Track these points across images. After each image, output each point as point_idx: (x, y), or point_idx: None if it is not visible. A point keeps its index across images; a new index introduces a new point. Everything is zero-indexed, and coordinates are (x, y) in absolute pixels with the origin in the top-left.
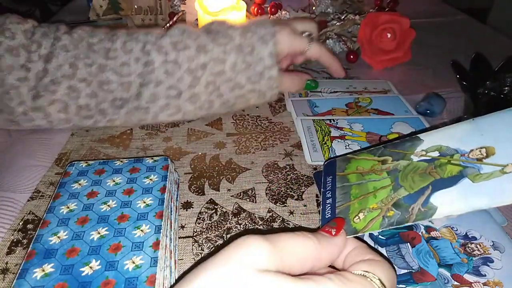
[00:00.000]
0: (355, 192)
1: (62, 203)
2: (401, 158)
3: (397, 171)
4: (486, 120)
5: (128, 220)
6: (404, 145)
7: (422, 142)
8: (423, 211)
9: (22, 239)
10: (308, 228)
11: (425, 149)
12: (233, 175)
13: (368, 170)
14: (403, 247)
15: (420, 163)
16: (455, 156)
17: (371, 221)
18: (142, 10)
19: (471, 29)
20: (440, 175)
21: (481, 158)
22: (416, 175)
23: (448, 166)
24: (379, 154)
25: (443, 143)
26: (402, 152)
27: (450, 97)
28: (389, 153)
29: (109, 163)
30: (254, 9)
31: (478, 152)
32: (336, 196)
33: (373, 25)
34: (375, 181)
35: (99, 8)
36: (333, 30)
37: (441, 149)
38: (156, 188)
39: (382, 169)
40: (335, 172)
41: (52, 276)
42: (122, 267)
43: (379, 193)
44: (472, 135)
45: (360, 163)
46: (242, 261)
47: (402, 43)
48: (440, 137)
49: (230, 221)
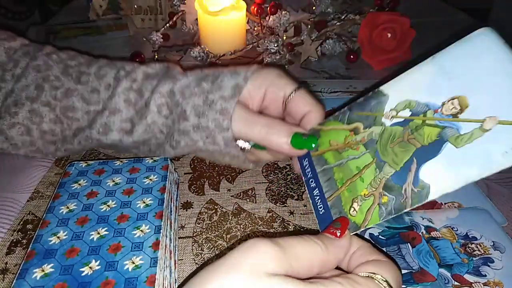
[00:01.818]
0: (339, 177)
1: (61, 203)
2: (372, 124)
3: (374, 142)
4: (449, 56)
5: (127, 220)
6: (370, 103)
7: (387, 97)
8: (417, 192)
9: (22, 239)
10: (308, 228)
11: (394, 108)
12: (233, 175)
13: (343, 145)
14: (403, 247)
15: (394, 127)
16: (428, 113)
17: (368, 212)
18: (142, 10)
19: (471, 29)
20: (420, 142)
21: (456, 113)
22: (395, 145)
23: (425, 128)
24: (348, 120)
25: (411, 97)
26: (371, 115)
27: None
28: (357, 118)
29: (108, 163)
30: (254, 9)
31: (451, 104)
32: (321, 184)
33: (373, 25)
34: (355, 158)
35: (99, 8)
36: (333, 30)
37: (411, 105)
38: (156, 188)
39: (357, 141)
40: (309, 153)
41: (51, 276)
42: (121, 267)
43: (364, 174)
44: (439, 80)
45: (331, 136)
46: (251, 265)
47: (402, 43)
48: (406, 88)
49: (230, 221)
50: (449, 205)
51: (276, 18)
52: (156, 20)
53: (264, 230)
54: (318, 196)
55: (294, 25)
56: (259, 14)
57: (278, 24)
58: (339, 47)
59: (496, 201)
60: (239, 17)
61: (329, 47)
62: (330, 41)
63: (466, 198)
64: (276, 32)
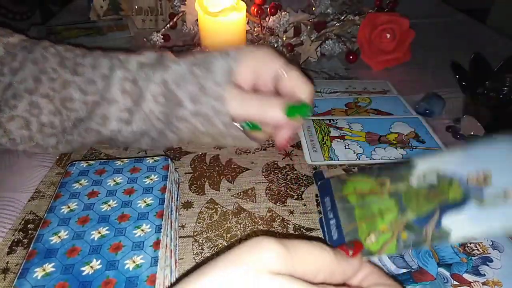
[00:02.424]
0: (360, 213)
1: (62, 202)
2: (399, 180)
3: (399, 194)
4: (478, 148)
5: (128, 219)
6: (399, 169)
7: (417, 165)
8: (438, 235)
9: (23, 239)
10: (308, 227)
11: (422, 173)
12: (233, 175)
13: (367, 191)
14: None
15: (420, 188)
16: (454, 181)
17: (385, 244)
18: (143, 11)
19: (471, 29)
20: (444, 200)
21: (480, 183)
22: (420, 199)
23: (450, 191)
24: (376, 176)
25: (439, 167)
26: (399, 175)
27: (449, 97)
28: (386, 175)
29: (109, 163)
30: (254, 10)
31: (476, 176)
32: (339, 217)
33: (373, 25)
34: (378, 202)
35: (99, 8)
36: (333, 30)
37: (438, 173)
38: (157, 187)
39: (382, 191)
40: (332, 193)
41: (52, 275)
42: (122, 267)
43: (386, 215)
44: (466, 159)
45: (357, 185)
46: (253, 262)
47: (402, 44)
48: (435, 162)
49: (230, 220)
50: None
51: (276, 19)
52: (157, 21)
53: (264, 230)
54: (334, 225)
55: (294, 26)
56: (259, 15)
57: (278, 24)
58: (339, 47)
59: None
60: (239, 18)
61: (329, 47)
62: (329, 41)
63: None
64: (276, 33)
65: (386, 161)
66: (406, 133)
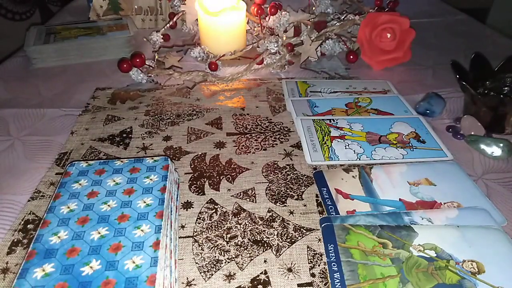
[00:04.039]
0: (363, 273)
1: (62, 203)
2: (401, 247)
3: (401, 262)
4: (472, 232)
5: (128, 220)
6: (400, 232)
7: (417, 235)
8: None
9: (23, 239)
10: (307, 227)
11: (422, 245)
12: (233, 175)
13: (370, 250)
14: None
15: (420, 259)
16: (451, 262)
17: None
18: (142, 10)
19: (471, 29)
20: (442, 280)
21: (474, 272)
22: (420, 272)
23: (447, 272)
24: (378, 234)
25: (437, 244)
26: (400, 240)
27: (450, 97)
28: (387, 237)
29: (109, 163)
30: (254, 9)
31: (470, 265)
32: (343, 271)
33: (373, 25)
34: (380, 265)
35: (99, 8)
36: (333, 30)
37: (437, 249)
38: (156, 188)
39: (384, 253)
40: (335, 241)
41: (52, 275)
42: (122, 267)
43: (388, 282)
44: (461, 244)
45: (360, 238)
46: None
47: (402, 43)
48: (433, 236)
49: (230, 221)
50: (449, 204)
51: (276, 19)
52: (157, 20)
53: (264, 230)
54: (338, 280)
55: (294, 25)
56: (259, 14)
57: (278, 24)
58: (339, 47)
59: (496, 201)
60: (239, 18)
61: (329, 47)
62: (330, 41)
63: (466, 198)
64: (276, 33)
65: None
66: (407, 133)
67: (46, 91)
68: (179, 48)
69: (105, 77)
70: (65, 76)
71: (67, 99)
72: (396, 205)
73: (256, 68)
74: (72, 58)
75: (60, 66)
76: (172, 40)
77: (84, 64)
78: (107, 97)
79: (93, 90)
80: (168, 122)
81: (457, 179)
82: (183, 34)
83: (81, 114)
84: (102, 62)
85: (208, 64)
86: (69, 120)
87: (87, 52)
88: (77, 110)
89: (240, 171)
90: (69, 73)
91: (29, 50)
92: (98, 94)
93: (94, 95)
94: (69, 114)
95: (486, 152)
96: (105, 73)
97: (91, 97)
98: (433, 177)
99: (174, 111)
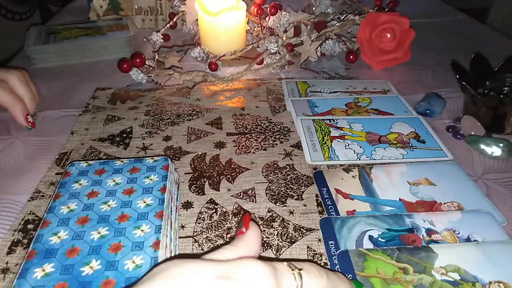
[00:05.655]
0: None
1: (62, 203)
2: (422, 271)
3: None
4: (492, 247)
5: (128, 220)
6: (420, 253)
7: (437, 256)
8: None
9: (23, 239)
10: (307, 227)
11: (444, 267)
12: (233, 175)
13: (391, 278)
14: None
15: (445, 284)
16: (477, 285)
17: None
18: (143, 11)
19: (471, 29)
20: None
21: None
22: None
23: None
24: (396, 258)
25: (460, 265)
26: (421, 264)
27: (450, 97)
28: (407, 261)
29: (109, 163)
30: (254, 10)
31: (497, 286)
32: None
33: (373, 25)
34: None
35: (99, 8)
36: (333, 30)
37: (460, 271)
38: (156, 188)
39: (406, 280)
40: (353, 270)
41: (52, 276)
42: (122, 267)
43: None
44: (484, 262)
45: (379, 265)
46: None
47: (402, 43)
48: (454, 256)
49: (230, 221)
50: (449, 204)
51: (276, 19)
52: (157, 20)
53: (264, 230)
54: None
55: (294, 25)
56: (259, 14)
57: (278, 24)
58: (339, 47)
59: (496, 201)
60: (239, 18)
61: (329, 47)
62: (329, 41)
63: (466, 198)
64: (276, 33)
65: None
66: (407, 133)
67: (46, 91)
68: (179, 48)
69: (105, 77)
70: (65, 76)
71: (67, 99)
72: (396, 205)
73: (256, 68)
74: (72, 58)
75: (60, 66)
76: (172, 40)
77: (84, 64)
78: (107, 97)
79: (93, 90)
80: (168, 122)
81: (457, 179)
82: (183, 34)
83: (81, 114)
84: (102, 62)
85: (208, 64)
86: (69, 120)
87: (87, 52)
88: (77, 110)
89: (240, 171)
90: (69, 73)
91: (29, 50)
92: (98, 94)
93: (94, 95)
94: (69, 114)
95: (486, 152)
96: (105, 73)
97: (91, 97)
98: (433, 177)
99: (174, 111)
